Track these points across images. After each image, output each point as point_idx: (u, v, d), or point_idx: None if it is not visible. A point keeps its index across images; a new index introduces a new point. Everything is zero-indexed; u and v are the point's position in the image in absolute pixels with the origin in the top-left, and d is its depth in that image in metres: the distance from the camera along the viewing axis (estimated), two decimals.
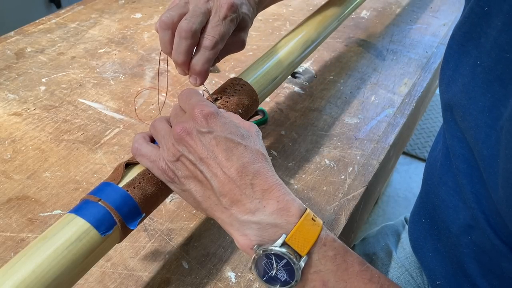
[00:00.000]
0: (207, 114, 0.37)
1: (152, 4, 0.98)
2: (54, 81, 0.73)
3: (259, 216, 0.34)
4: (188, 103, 0.39)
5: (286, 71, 0.56)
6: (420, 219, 0.56)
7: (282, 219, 0.34)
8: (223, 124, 0.37)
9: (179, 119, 0.39)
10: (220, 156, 0.35)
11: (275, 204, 0.34)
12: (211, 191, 0.36)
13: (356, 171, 0.61)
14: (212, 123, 0.36)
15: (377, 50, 0.87)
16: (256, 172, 0.35)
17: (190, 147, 0.36)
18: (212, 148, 0.35)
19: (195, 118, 0.37)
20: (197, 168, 0.36)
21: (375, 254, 0.66)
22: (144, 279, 0.47)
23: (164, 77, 0.76)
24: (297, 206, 0.35)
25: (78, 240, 0.34)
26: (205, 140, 0.36)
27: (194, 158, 0.36)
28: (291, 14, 0.98)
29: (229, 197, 0.35)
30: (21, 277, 0.31)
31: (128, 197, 0.37)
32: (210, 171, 0.35)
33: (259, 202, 0.34)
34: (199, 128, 0.36)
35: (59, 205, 0.53)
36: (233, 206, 0.35)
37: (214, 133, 0.36)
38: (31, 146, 0.61)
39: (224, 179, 0.35)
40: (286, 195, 0.35)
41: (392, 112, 0.72)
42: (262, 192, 0.35)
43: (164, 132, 0.39)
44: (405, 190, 1.67)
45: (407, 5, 1.05)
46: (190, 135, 0.36)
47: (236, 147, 0.36)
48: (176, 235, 0.51)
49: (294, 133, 0.66)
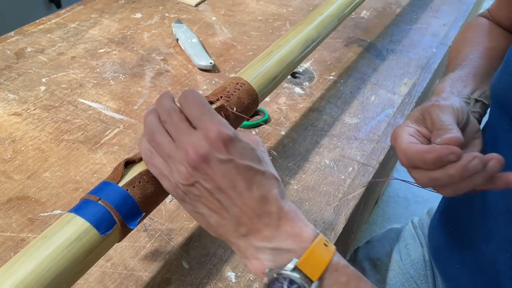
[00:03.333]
0: (226, 139, 0.33)
1: (152, 4, 0.98)
2: (54, 81, 0.73)
3: (275, 242, 0.34)
4: (199, 119, 0.35)
5: (286, 71, 0.56)
6: (446, 227, 0.53)
7: (295, 245, 0.33)
8: (242, 149, 0.34)
9: (188, 137, 0.34)
10: (240, 185, 0.33)
11: (289, 230, 0.34)
12: (228, 220, 0.35)
13: (356, 171, 0.61)
14: (231, 149, 0.33)
15: (377, 50, 0.87)
16: (273, 200, 0.34)
17: (207, 176, 0.33)
18: (232, 178, 0.33)
19: (213, 143, 0.33)
20: (214, 198, 0.34)
21: (379, 259, 0.65)
22: (144, 279, 0.47)
23: (164, 77, 0.76)
24: (310, 231, 0.34)
25: (77, 239, 0.34)
26: (225, 169, 0.33)
27: (212, 187, 0.33)
28: (291, 14, 0.98)
29: (247, 227, 0.34)
30: (21, 276, 0.31)
31: (128, 197, 0.37)
32: (229, 201, 0.34)
33: (276, 230, 0.34)
34: (219, 156, 0.33)
35: (59, 205, 0.53)
36: (250, 234, 0.34)
37: (234, 162, 0.33)
38: (31, 146, 0.61)
39: (243, 209, 0.34)
40: (300, 221, 0.35)
41: (392, 112, 0.72)
42: (278, 220, 0.34)
43: (169, 150, 0.35)
44: (405, 190, 1.67)
45: (407, 5, 1.05)
46: (208, 163, 0.33)
47: (255, 175, 0.34)
48: (176, 235, 0.51)
49: (294, 133, 0.66)
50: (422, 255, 0.65)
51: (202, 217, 0.36)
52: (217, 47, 0.85)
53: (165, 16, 0.94)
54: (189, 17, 0.94)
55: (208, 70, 0.78)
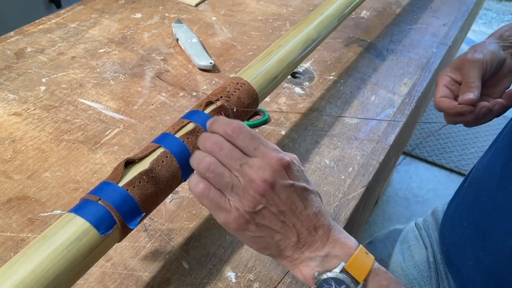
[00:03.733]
0: (285, 165, 0.37)
1: (152, 4, 0.98)
2: (54, 81, 0.73)
3: (325, 251, 0.37)
4: (256, 148, 0.37)
5: (286, 71, 0.56)
6: (461, 222, 0.54)
7: (342, 252, 0.37)
8: (297, 173, 0.38)
9: (255, 168, 0.36)
10: (299, 206, 0.37)
11: (337, 239, 0.38)
12: (288, 239, 0.38)
13: (356, 171, 0.61)
14: (290, 174, 0.37)
15: (377, 50, 0.87)
16: (324, 213, 0.39)
17: (273, 201, 0.36)
18: (293, 200, 0.37)
19: (277, 171, 0.36)
20: (278, 219, 0.37)
21: (382, 260, 0.65)
22: (144, 279, 0.47)
23: (164, 77, 0.76)
24: (352, 240, 0.39)
25: (77, 239, 0.34)
26: (288, 193, 0.36)
27: (276, 210, 0.36)
28: (291, 14, 0.98)
29: (305, 242, 0.38)
30: (20, 276, 0.31)
31: (128, 197, 0.37)
32: (291, 222, 0.37)
33: (327, 240, 0.38)
34: (283, 182, 0.36)
35: (59, 205, 0.53)
36: (307, 248, 0.38)
37: (295, 185, 0.37)
38: (31, 146, 0.61)
39: (302, 228, 0.37)
40: (343, 232, 0.39)
41: (392, 112, 0.72)
42: (329, 231, 0.38)
43: (230, 179, 0.36)
44: (405, 190, 1.67)
45: (407, 5, 1.05)
46: (274, 189, 0.36)
47: (308, 194, 0.38)
48: (176, 235, 0.51)
49: (294, 133, 0.66)
50: (426, 257, 0.65)
51: (262, 240, 0.38)
52: (217, 47, 0.85)
53: (165, 16, 0.94)
54: (189, 17, 0.94)
55: (208, 70, 0.78)
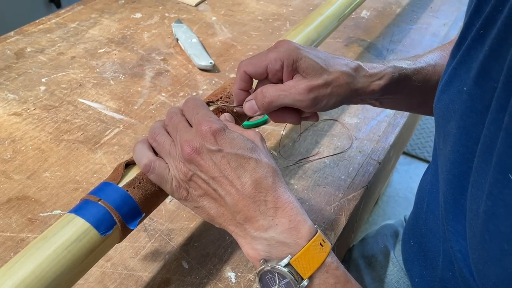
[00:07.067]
0: (215, 131, 0.36)
1: (152, 4, 0.98)
2: (54, 81, 0.73)
3: (270, 233, 0.35)
4: (194, 117, 0.38)
5: None
6: (409, 240, 0.54)
7: (292, 239, 0.35)
8: (232, 140, 0.36)
9: (185, 134, 0.37)
10: (232, 173, 0.35)
11: (286, 223, 0.35)
12: (225, 208, 0.37)
13: (356, 171, 0.61)
14: (220, 140, 0.36)
15: (377, 50, 0.87)
16: (269, 188, 0.36)
17: (201, 167, 0.36)
18: (224, 167, 0.35)
19: (204, 136, 0.36)
20: (210, 187, 0.36)
21: (374, 256, 0.65)
22: (144, 279, 0.47)
23: (164, 77, 0.76)
24: (307, 228, 0.35)
25: (78, 240, 0.34)
26: (216, 158, 0.36)
27: (207, 177, 0.36)
28: (291, 14, 0.98)
29: (243, 214, 0.36)
30: (21, 277, 0.31)
31: (128, 197, 0.37)
32: (224, 189, 0.36)
33: (272, 220, 0.35)
34: (209, 147, 0.36)
35: (59, 205, 0.53)
36: (247, 222, 0.36)
37: (224, 151, 0.36)
38: (31, 146, 0.61)
39: (238, 196, 0.35)
40: (299, 215, 0.36)
41: (392, 112, 0.72)
42: (275, 210, 0.35)
43: (169, 147, 0.38)
44: (405, 190, 1.67)
45: (407, 5, 1.05)
46: (200, 155, 0.36)
47: (247, 162, 0.36)
48: (176, 235, 0.51)
49: (294, 133, 0.66)
50: None
51: (204, 210, 0.38)
52: (217, 47, 0.85)
53: (165, 16, 0.94)
54: (189, 17, 0.94)
55: (208, 70, 0.78)
